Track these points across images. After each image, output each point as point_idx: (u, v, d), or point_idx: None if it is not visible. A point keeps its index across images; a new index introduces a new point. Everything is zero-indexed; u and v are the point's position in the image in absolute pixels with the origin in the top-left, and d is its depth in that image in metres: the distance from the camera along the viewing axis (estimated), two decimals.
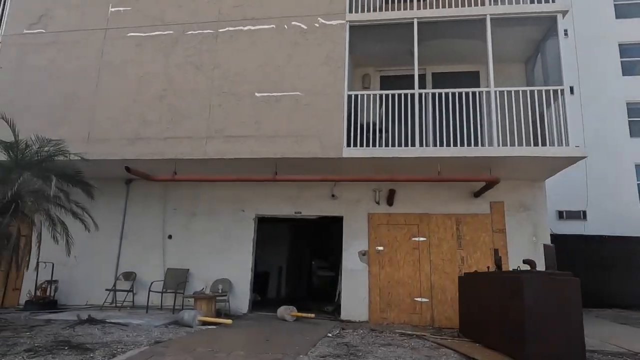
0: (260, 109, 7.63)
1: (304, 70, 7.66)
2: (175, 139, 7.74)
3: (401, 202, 8.70)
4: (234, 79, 7.83)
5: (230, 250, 9.08)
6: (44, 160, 5.92)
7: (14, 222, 5.73)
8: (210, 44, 8.08)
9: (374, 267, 8.51)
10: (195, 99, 7.87)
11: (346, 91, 7.46)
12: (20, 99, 8.48)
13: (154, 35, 8.32)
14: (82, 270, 9.39)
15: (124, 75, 8.24)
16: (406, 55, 8.69)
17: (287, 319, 7.84)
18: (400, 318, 8.17)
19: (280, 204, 9.16)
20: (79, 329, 6.18)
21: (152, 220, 9.48)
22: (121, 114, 8.05)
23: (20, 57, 8.78)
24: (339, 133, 7.31)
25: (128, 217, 9.60)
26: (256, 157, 7.46)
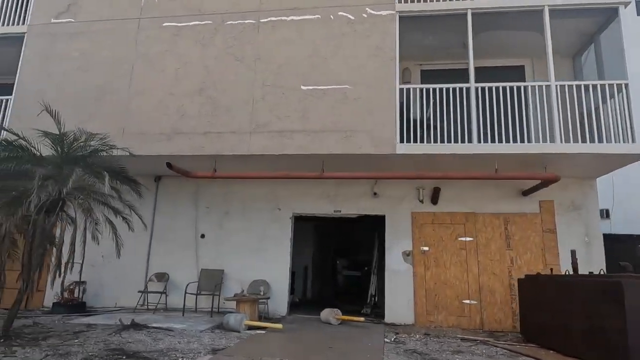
0: (307, 103, 7.27)
1: (352, 62, 7.30)
2: (216, 133, 7.37)
3: (446, 200, 8.39)
4: (278, 71, 7.46)
5: (267, 250, 8.73)
6: (89, 155, 5.54)
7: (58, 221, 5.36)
8: (251, 34, 7.70)
9: (419, 268, 8.19)
10: (236, 92, 7.50)
11: (398, 85, 7.11)
12: (49, 91, 8.05)
13: (191, 26, 7.93)
14: (110, 271, 9.01)
15: (160, 67, 7.85)
16: (451, 49, 8.40)
17: (332, 322, 7.51)
18: (448, 321, 7.86)
19: (318, 202, 8.82)
20: (125, 334, 5.82)
21: (184, 219, 9.12)
22: (157, 107, 7.67)
23: (48, 47, 8.36)
24: (391, 128, 6.96)
25: (157, 215, 9.22)
26: (304, 153, 7.10)
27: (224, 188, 9.05)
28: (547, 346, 5.70)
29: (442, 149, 6.88)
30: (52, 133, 5.33)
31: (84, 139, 5.42)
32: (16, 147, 5.34)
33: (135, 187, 6.07)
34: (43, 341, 5.12)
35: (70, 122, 7.43)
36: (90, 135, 5.63)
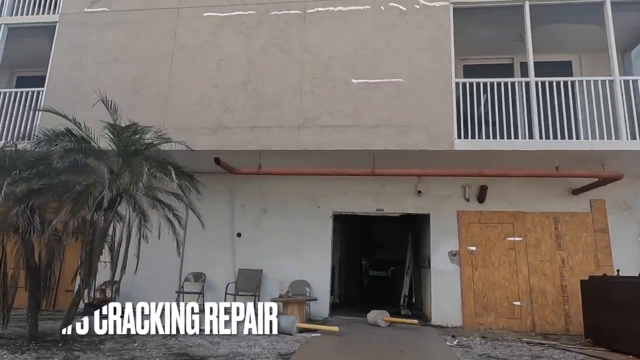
0: (358, 97, 6.99)
1: (405, 55, 7.03)
2: (263, 128, 7.08)
3: (493, 199, 8.14)
4: (327, 63, 7.17)
5: (307, 249, 8.45)
6: (145, 149, 5.23)
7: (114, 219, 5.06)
8: (297, 25, 7.40)
9: (466, 269, 7.94)
10: (283, 85, 7.20)
11: (453, 78, 6.85)
12: (84, 83, 7.75)
13: (233, 16, 7.63)
14: (141, 271, 8.66)
15: (201, 59, 7.54)
16: (499, 42, 8.16)
17: (380, 325, 7.24)
18: (498, 323, 7.62)
19: (360, 200, 8.54)
20: (181, 337, 5.52)
21: (219, 216, 8.79)
22: (200, 100, 7.36)
23: (82, 38, 8.03)
24: (448, 124, 6.70)
25: (191, 212, 8.88)
26: (356, 149, 6.83)
27: (260, 185, 8.75)
28: (619, 350, 5.47)
29: (502, 145, 6.63)
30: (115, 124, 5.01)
31: (140, 132, 5.10)
32: (79, 139, 5.02)
33: (194, 184, 5.77)
34: (101, 345, 4.82)
35: (107, 115, 7.18)
36: (145, 128, 5.31)
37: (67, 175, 4.75)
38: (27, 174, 4.45)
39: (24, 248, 4.76)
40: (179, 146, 6.97)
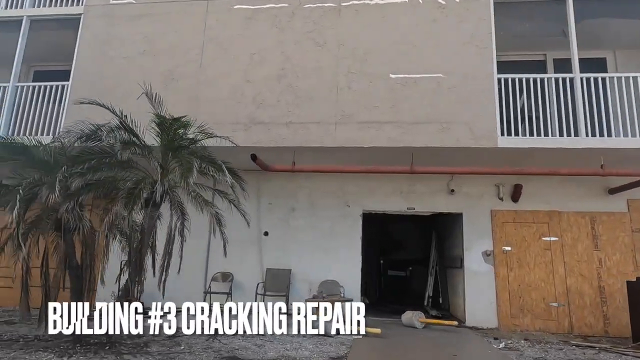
0: (396, 92, 6.80)
1: (445, 49, 6.85)
2: (299, 124, 6.88)
3: (527, 198, 7.97)
4: (364, 57, 6.98)
5: (336, 249, 8.26)
6: (189, 145, 5.02)
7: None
8: (332, 18, 7.21)
9: (501, 269, 7.77)
10: (319, 80, 7.01)
11: (495, 74, 6.67)
12: (111, 77, 7.55)
13: (265, 9, 7.42)
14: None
15: (233, 52, 7.33)
16: (531, 39, 7.99)
17: (417, 326, 7.06)
18: (534, 325, 7.46)
19: (390, 199, 8.36)
20: (225, 340, 5.33)
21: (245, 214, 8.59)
22: (232, 95, 7.15)
23: (108, 30, 7.80)
24: (491, 120, 6.52)
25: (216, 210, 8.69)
26: (396, 145, 6.64)
27: (288, 183, 8.55)
28: None
29: (546, 142, 6.46)
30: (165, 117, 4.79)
31: (185, 126, 4.89)
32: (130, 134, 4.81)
33: (239, 181, 5.57)
34: (147, 347, 4.62)
35: (136, 110, 6.98)
36: (189, 122, 5.10)
37: (114, 171, 4.56)
38: (80, 169, 4.24)
39: (65, 247, 4.55)
40: (209, 142, 6.82)
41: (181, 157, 4.75)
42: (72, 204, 4.23)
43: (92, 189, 4.44)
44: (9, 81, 8.20)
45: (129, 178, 4.63)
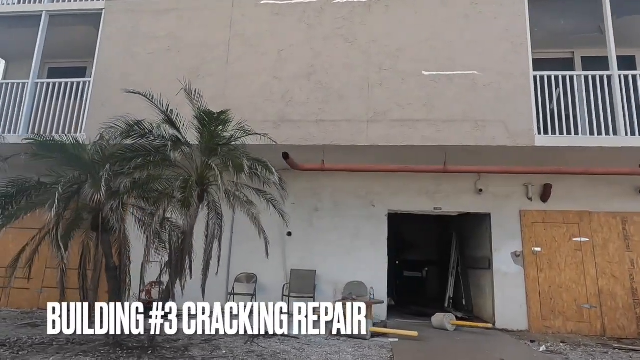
0: (430, 90, 6.66)
1: (479, 46, 6.72)
2: (330, 122, 6.73)
3: (556, 198, 7.83)
4: (396, 54, 6.84)
5: (361, 249, 8.11)
6: (228, 142, 4.86)
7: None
8: (362, 14, 7.06)
9: (531, 270, 7.64)
10: (349, 77, 6.86)
11: (531, 71, 6.54)
12: (136, 73, 7.37)
13: (293, 4, 7.27)
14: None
15: (261, 48, 7.18)
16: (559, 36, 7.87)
17: (448, 328, 6.92)
18: (566, 327, 7.32)
19: (416, 199, 8.22)
20: (263, 343, 5.17)
21: (267, 214, 8.41)
22: (260, 92, 7.00)
23: (132, 26, 7.63)
24: (528, 119, 6.39)
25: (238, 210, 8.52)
26: (430, 144, 6.50)
27: (311, 182, 8.38)
28: None
29: (585, 141, 6.33)
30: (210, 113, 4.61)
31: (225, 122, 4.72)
32: (149, 132, 4.65)
33: (281, 181, 5.43)
34: (188, 352, 4.46)
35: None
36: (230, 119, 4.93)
37: (159, 170, 4.40)
38: (127, 167, 4.08)
39: (103, 247, 4.38)
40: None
41: (227, 155, 4.59)
42: (118, 203, 4.06)
43: (137, 188, 4.28)
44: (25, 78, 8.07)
45: (173, 177, 4.47)
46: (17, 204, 4.11)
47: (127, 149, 4.49)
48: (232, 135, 4.98)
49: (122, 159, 4.28)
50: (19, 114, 7.57)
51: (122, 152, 4.40)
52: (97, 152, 4.37)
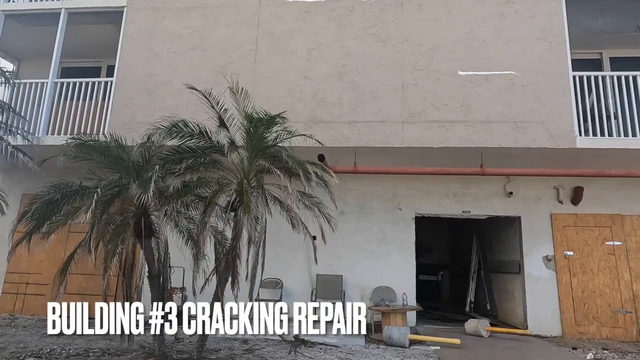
0: (466, 90, 6.50)
1: (516, 46, 6.57)
2: (363, 123, 6.55)
3: (587, 201, 7.69)
4: (430, 53, 6.67)
5: (388, 253, 7.92)
6: (273, 145, 4.65)
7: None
8: (395, 13, 6.89)
9: (563, 275, 7.48)
10: (383, 77, 6.69)
11: (571, 71, 6.40)
12: (160, 73, 7.16)
13: (322, 2, 7.09)
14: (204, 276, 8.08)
15: (289, 47, 6.98)
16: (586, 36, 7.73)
17: (483, 335, 6.74)
18: (601, 333, 7.17)
19: (443, 202, 8.04)
20: (307, 353, 4.96)
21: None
22: (290, 92, 6.81)
23: (154, 24, 7.41)
24: (568, 120, 6.25)
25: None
26: (467, 146, 6.33)
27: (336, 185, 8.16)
28: None
29: (628, 143, 6.18)
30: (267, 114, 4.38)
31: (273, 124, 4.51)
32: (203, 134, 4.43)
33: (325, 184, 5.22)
34: None
35: (186, 108, 6.64)
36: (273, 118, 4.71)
37: (207, 172, 4.21)
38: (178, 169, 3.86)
39: (145, 253, 4.16)
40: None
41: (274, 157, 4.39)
42: (171, 207, 3.85)
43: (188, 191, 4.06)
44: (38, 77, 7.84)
45: (219, 180, 4.27)
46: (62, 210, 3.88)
47: (174, 150, 4.28)
48: (277, 136, 4.77)
49: (169, 161, 4.07)
50: (37, 114, 7.32)
51: (170, 153, 4.19)
52: (141, 153, 4.14)
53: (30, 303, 8.47)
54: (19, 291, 8.69)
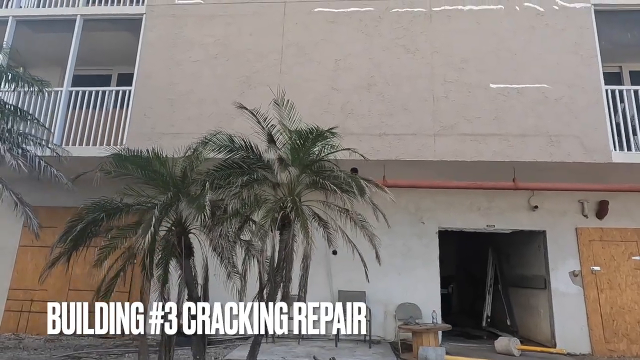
0: (499, 103, 6.40)
1: (548, 59, 6.50)
2: (394, 135, 6.40)
3: (612, 215, 7.61)
4: (460, 66, 6.57)
5: (412, 268, 7.73)
6: (318, 160, 4.45)
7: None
8: (423, 24, 6.79)
9: (590, 291, 7.36)
10: (413, 89, 6.55)
11: (603, 85, 6.34)
12: (182, 82, 6.93)
13: (349, 12, 6.96)
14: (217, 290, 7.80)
15: (316, 57, 6.83)
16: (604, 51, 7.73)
17: (514, 354, 6.57)
18: (631, 350, 7.05)
19: (467, 215, 7.89)
20: None
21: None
22: (318, 103, 6.63)
23: (175, 32, 7.19)
24: (603, 134, 6.17)
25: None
26: (502, 160, 6.21)
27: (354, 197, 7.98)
28: None
29: None
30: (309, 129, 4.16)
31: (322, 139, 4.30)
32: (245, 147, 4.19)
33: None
34: None
35: (209, 119, 6.47)
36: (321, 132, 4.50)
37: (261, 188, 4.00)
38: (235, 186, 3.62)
39: (185, 275, 3.91)
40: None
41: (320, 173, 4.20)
42: (228, 226, 3.61)
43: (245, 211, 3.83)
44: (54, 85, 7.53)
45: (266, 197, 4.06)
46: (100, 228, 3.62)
47: (223, 166, 4.04)
48: (320, 149, 4.58)
49: (217, 177, 3.83)
50: (51, 124, 7.01)
51: (218, 169, 3.95)
52: (182, 169, 3.89)
53: (36, 321, 8.05)
54: (23, 309, 8.26)
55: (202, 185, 3.80)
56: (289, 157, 4.32)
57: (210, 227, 3.41)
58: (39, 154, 5.59)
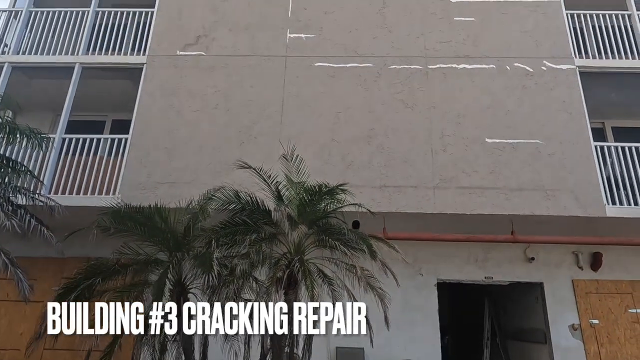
0: (495, 157, 6.56)
1: (540, 115, 6.77)
2: (394, 187, 6.42)
3: (607, 267, 7.68)
4: (457, 120, 6.77)
5: (411, 323, 7.50)
6: (326, 215, 4.37)
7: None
8: (420, 80, 7.04)
9: (591, 345, 7.26)
10: (412, 142, 6.68)
11: (592, 141, 6.61)
12: (181, 130, 6.88)
13: (348, 67, 7.17)
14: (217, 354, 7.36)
15: (317, 109, 6.94)
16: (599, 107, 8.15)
17: None
18: None
19: (465, 267, 7.82)
20: None
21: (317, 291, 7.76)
22: (318, 155, 6.65)
23: (175, 81, 7.24)
24: (595, 188, 6.35)
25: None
26: (500, 212, 6.27)
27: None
28: None
29: None
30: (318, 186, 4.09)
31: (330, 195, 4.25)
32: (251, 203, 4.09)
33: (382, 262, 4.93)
34: None
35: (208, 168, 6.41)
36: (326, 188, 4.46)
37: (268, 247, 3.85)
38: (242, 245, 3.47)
39: (182, 342, 3.64)
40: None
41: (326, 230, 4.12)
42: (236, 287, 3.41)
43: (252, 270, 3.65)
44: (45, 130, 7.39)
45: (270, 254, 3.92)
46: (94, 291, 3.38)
47: (229, 223, 3.91)
48: (326, 205, 4.52)
49: (223, 235, 3.68)
50: (40, 172, 6.77)
51: (223, 225, 3.81)
52: (184, 225, 3.74)
53: None
54: None
55: (207, 242, 3.64)
56: (296, 213, 4.23)
57: (215, 287, 3.22)
58: (30, 203, 5.31)
